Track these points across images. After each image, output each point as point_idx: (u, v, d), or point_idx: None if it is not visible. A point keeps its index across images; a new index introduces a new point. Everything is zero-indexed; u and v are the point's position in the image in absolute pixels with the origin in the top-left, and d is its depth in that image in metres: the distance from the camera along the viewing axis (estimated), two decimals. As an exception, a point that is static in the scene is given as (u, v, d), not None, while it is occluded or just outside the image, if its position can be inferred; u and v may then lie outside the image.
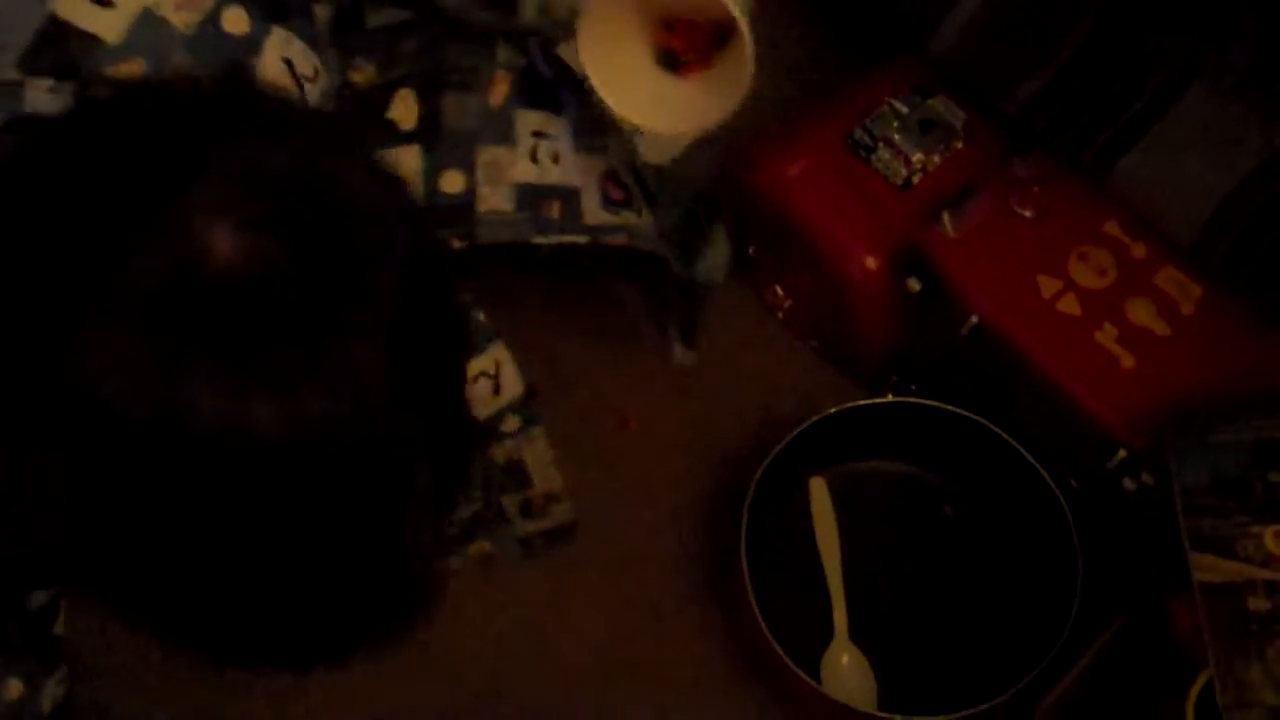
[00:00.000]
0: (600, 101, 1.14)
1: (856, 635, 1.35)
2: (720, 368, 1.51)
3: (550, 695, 1.40)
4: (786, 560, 1.37)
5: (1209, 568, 1.13)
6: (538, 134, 1.22)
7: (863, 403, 1.38)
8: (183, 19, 0.97)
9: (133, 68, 0.96)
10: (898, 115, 1.40)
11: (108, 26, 0.96)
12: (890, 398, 1.41)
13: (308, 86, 1.03)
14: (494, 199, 1.19)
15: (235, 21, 0.99)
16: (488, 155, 1.19)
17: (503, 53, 1.20)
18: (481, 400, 1.21)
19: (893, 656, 1.34)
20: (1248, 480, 1.13)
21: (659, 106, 1.16)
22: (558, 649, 1.41)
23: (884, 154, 1.38)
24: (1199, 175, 1.25)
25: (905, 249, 1.34)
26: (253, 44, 1.01)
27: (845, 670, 1.34)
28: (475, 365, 1.19)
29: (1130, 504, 1.26)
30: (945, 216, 1.32)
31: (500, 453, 1.27)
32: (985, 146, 1.39)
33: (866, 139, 1.39)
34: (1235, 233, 1.24)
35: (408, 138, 1.16)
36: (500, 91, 1.20)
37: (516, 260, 1.25)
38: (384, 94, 1.16)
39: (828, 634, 1.35)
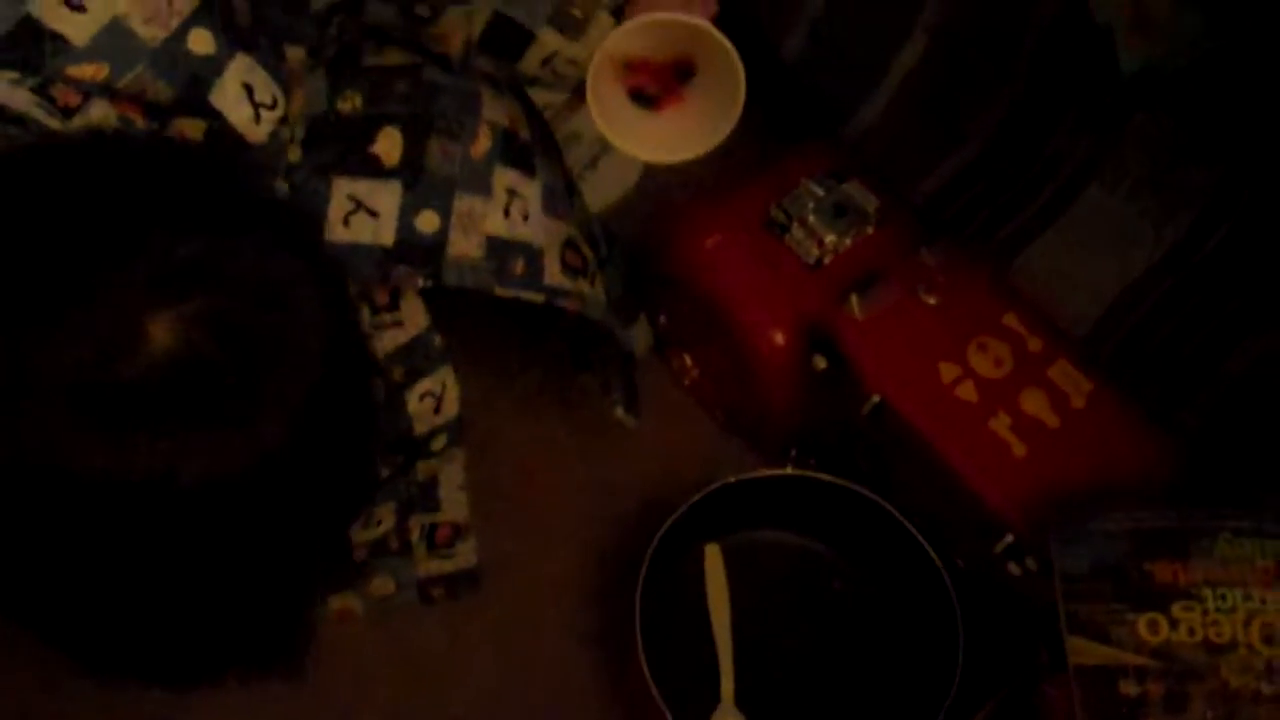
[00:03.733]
0: (616, 148, 1.19)
1: (742, 701, 1.36)
2: (623, 432, 1.53)
3: (438, 745, 1.41)
4: (678, 624, 1.39)
5: (1084, 651, 1.16)
6: (511, 191, 1.25)
7: (761, 474, 1.41)
8: (150, 32, 1.02)
9: (95, 70, 1.00)
10: (813, 197, 1.43)
11: (77, 29, 1.00)
12: (789, 470, 1.44)
13: (264, 114, 1.06)
14: (465, 245, 1.21)
15: (201, 42, 1.03)
16: (464, 204, 1.21)
17: (488, 109, 1.24)
18: (422, 418, 1.25)
19: (777, 724, 1.37)
20: (1124, 569, 1.17)
21: (661, 142, 1.20)
22: (449, 699, 1.41)
23: (798, 233, 1.42)
24: (1094, 273, 1.29)
25: (813, 327, 1.38)
26: (215, 65, 1.05)
27: (730, 735, 1.36)
28: (424, 385, 1.24)
29: (1013, 587, 1.29)
30: (853, 298, 1.36)
31: (424, 469, 1.31)
32: (895, 233, 1.43)
33: (782, 217, 1.43)
34: (1125, 330, 1.28)
35: (389, 174, 1.19)
36: (482, 145, 1.23)
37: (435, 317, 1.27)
38: (369, 127, 1.19)
39: (715, 699, 1.37)
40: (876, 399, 1.34)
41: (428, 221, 1.20)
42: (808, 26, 1.43)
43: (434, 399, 1.25)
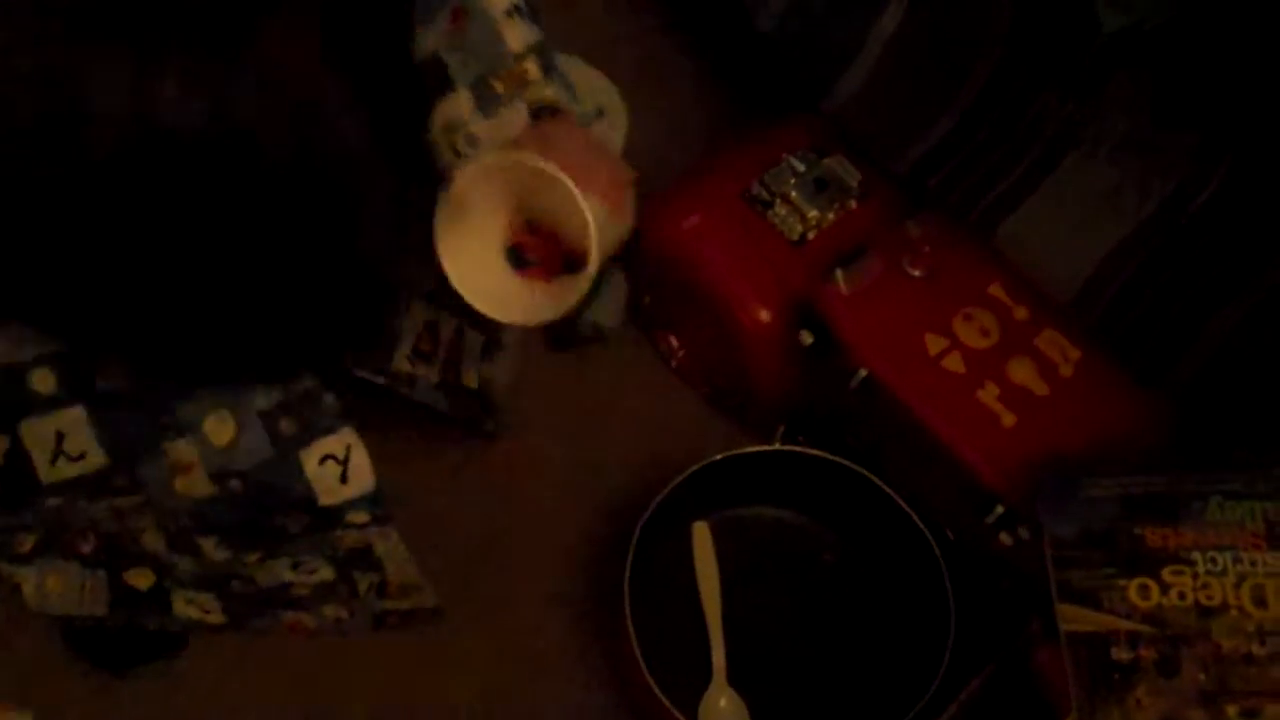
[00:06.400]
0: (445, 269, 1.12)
1: (735, 679, 1.36)
2: (611, 412, 1.53)
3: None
4: (668, 603, 1.38)
5: (1075, 618, 1.15)
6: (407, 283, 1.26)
7: (749, 450, 1.40)
8: None
9: None
10: (795, 173, 1.43)
11: None
12: (777, 446, 1.44)
13: None
14: None
15: None
16: None
17: None
18: (326, 486, 1.21)
19: (769, 700, 1.36)
20: (1115, 534, 1.17)
21: (492, 295, 1.15)
22: (440, 679, 1.41)
23: (780, 210, 1.42)
24: (1078, 238, 1.29)
25: (799, 303, 1.37)
26: None
27: (722, 713, 1.35)
28: (323, 445, 1.20)
29: (1006, 557, 1.28)
30: (838, 273, 1.35)
31: (348, 537, 1.26)
32: (878, 206, 1.43)
33: (764, 194, 1.42)
34: (1111, 295, 1.28)
35: None
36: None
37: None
38: None
39: (707, 677, 1.36)
40: (863, 373, 1.33)
41: None
42: (784, 1, 1.42)
43: (337, 464, 1.20)
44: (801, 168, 1.43)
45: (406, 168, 0.79)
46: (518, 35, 1.15)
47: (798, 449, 1.41)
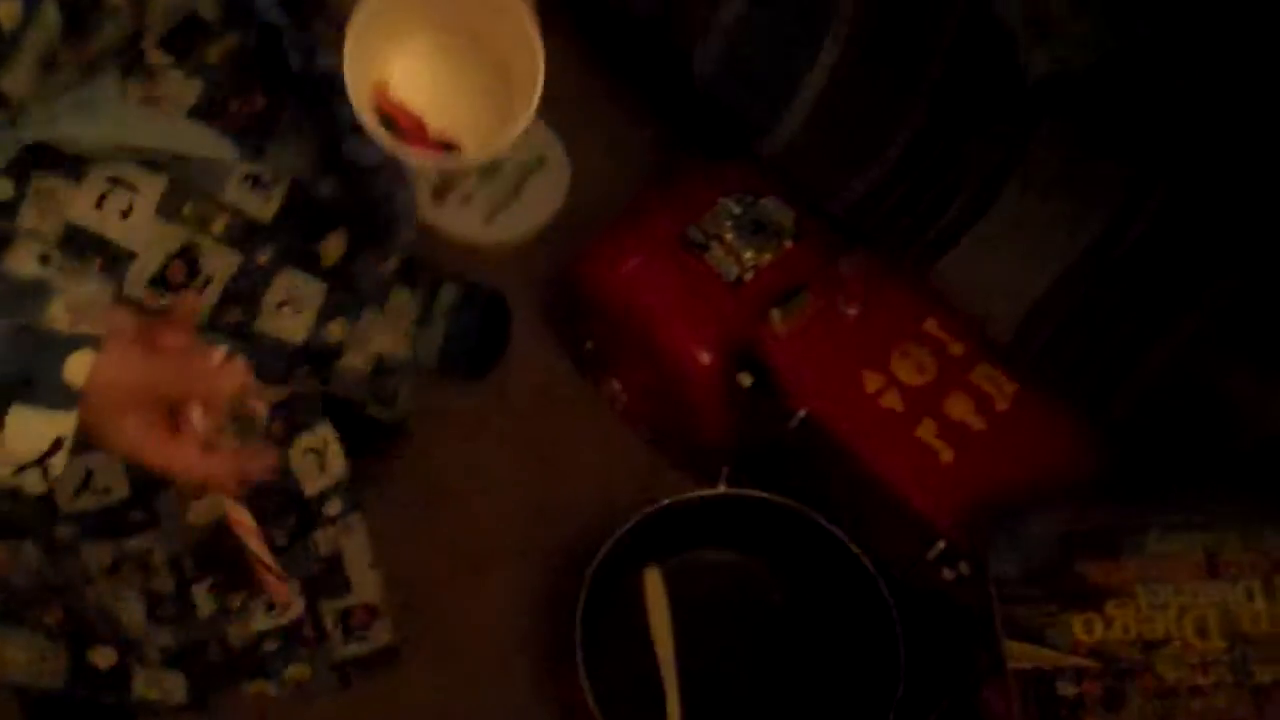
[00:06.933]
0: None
1: (688, 722, 1.37)
2: (558, 460, 1.54)
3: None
4: (621, 648, 1.39)
5: (1021, 655, 1.17)
6: (399, 312, 1.27)
7: (696, 495, 1.41)
8: None
9: None
10: (730, 215, 1.44)
11: None
12: (723, 489, 1.45)
13: None
14: (355, 359, 1.22)
15: None
16: (366, 318, 1.22)
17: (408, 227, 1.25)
18: (308, 476, 1.23)
19: (723, 743, 1.37)
20: (1057, 570, 1.18)
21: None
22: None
23: (717, 252, 1.42)
24: (1013, 276, 1.30)
25: (737, 345, 1.38)
26: None
27: (677, 757, 1.36)
28: (305, 441, 1.21)
29: (948, 593, 1.30)
30: (774, 314, 1.36)
31: (323, 540, 1.28)
32: (813, 246, 1.44)
33: (701, 237, 1.43)
34: (1047, 333, 1.29)
35: (321, 273, 1.18)
36: (391, 265, 1.25)
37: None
38: (327, 221, 1.18)
39: (662, 721, 1.37)
40: (802, 413, 1.34)
41: (335, 330, 1.20)
42: (720, 46, 1.42)
43: (317, 455, 1.23)
44: (737, 210, 1.44)
45: None
46: None
47: (744, 492, 1.41)
